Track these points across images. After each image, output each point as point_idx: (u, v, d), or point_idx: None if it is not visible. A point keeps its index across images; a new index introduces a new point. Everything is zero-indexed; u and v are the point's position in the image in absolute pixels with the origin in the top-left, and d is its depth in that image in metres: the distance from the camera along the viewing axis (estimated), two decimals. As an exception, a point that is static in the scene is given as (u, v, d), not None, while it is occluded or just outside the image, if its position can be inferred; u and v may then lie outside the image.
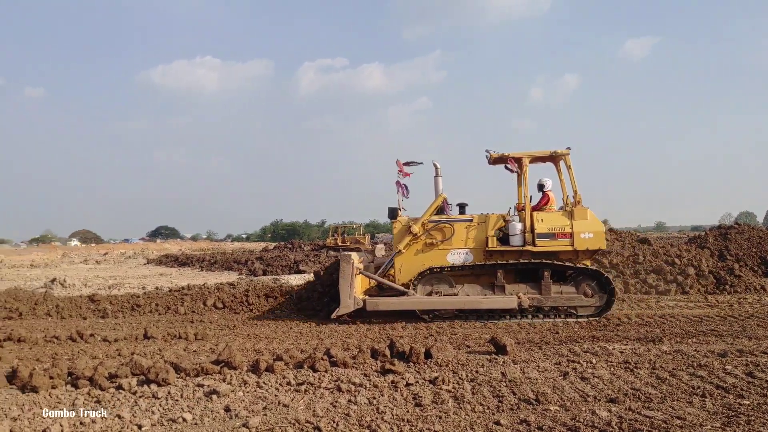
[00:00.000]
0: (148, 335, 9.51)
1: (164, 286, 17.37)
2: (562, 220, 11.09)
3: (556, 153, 11.40)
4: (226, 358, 6.98)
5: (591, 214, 11.09)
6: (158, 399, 6.00)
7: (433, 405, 5.52)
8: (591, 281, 10.97)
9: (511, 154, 11.50)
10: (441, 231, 11.54)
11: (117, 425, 5.36)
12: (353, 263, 10.87)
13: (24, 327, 10.79)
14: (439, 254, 11.48)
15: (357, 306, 10.92)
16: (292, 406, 5.62)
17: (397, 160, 11.74)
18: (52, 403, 6.02)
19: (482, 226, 11.45)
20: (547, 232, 11.03)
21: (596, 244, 10.97)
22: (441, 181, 11.99)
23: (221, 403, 5.82)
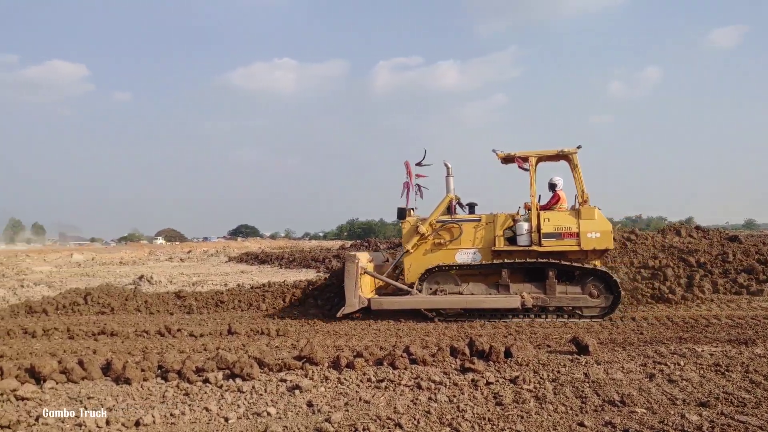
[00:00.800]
0: (231, 331, 9.80)
1: (245, 284, 17.82)
2: (568, 219, 11.00)
3: (564, 152, 11.28)
4: (307, 354, 7.12)
5: (599, 213, 10.95)
6: (243, 393, 6.18)
7: (514, 404, 5.47)
8: (597, 282, 10.84)
9: (518, 153, 11.43)
10: (449, 231, 11.63)
11: (205, 417, 5.55)
12: (358, 263, 11.13)
13: (116, 321, 11.29)
14: (448, 254, 11.57)
15: (362, 305, 11.12)
16: (373, 403, 5.68)
17: (405, 162, 11.91)
18: (143, 395, 6.29)
19: (490, 225, 11.48)
20: (553, 232, 10.96)
21: (603, 243, 10.83)
22: (452, 181, 11.95)
23: (304, 398, 5.94)
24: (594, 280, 10.84)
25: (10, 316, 12.58)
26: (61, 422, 5.49)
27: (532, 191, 11.29)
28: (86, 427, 5.34)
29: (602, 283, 10.81)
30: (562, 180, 11.79)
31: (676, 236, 16.07)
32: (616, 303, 10.74)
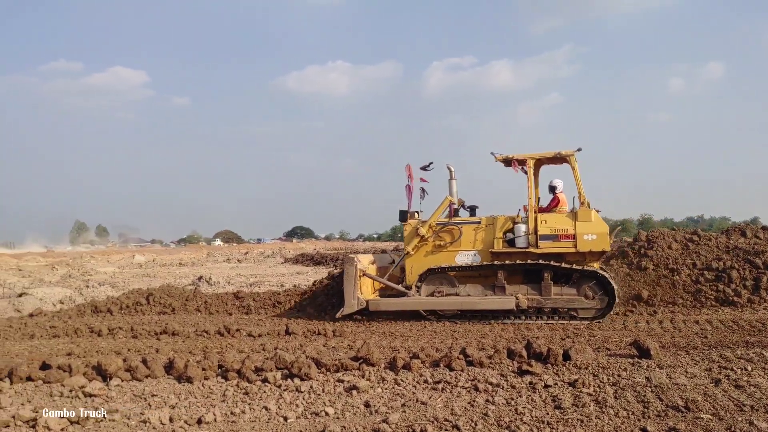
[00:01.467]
0: (289, 331, 9.93)
1: (301, 284, 18.02)
2: (565, 221, 11.03)
3: (561, 154, 11.30)
4: (364, 355, 7.16)
5: (596, 215, 10.97)
6: (301, 393, 6.25)
7: (573, 408, 5.39)
8: (593, 283, 10.82)
9: (516, 156, 11.46)
10: (449, 233, 11.76)
11: (264, 416, 5.64)
12: (356, 265, 11.38)
13: (177, 321, 11.56)
14: (448, 255, 11.69)
15: (360, 306, 11.33)
16: (430, 404, 5.67)
17: (407, 165, 12.14)
18: (205, 393, 6.43)
19: (490, 228, 11.57)
20: (549, 234, 11.01)
21: (600, 245, 10.83)
22: (455, 184, 12.09)
23: (361, 398, 5.98)
24: (589, 282, 10.86)
25: (77, 315, 13.02)
26: (126, 419, 5.66)
27: (529, 193, 11.43)
28: (150, 424, 5.49)
29: (598, 284, 10.81)
30: (563, 183, 11.86)
31: (741, 237, 15.49)
32: (611, 305, 10.75)
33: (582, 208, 11.02)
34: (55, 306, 15.06)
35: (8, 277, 24.52)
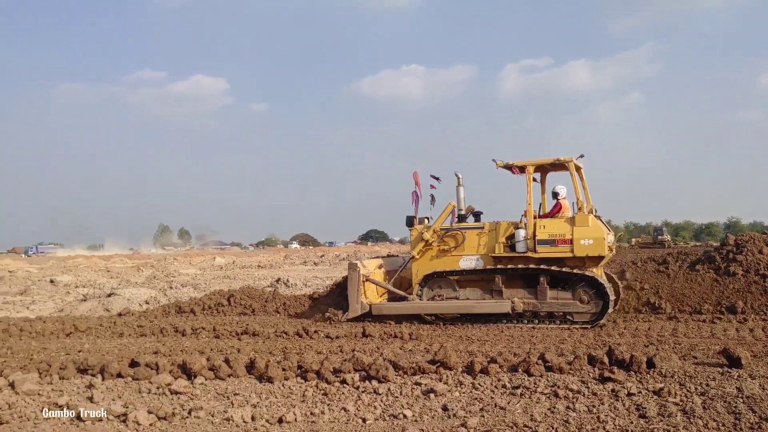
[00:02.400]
0: (366, 333, 10.01)
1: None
2: (563, 226, 11.14)
3: (560, 160, 11.46)
4: (441, 359, 7.14)
5: (593, 220, 11.08)
6: (379, 395, 6.29)
7: (659, 417, 5.21)
8: (588, 288, 10.93)
9: (516, 162, 11.64)
10: (453, 238, 12.03)
11: (343, 417, 5.71)
12: (359, 271, 11.78)
13: (257, 322, 11.82)
14: (452, 260, 11.96)
15: (363, 310, 11.73)
16: (509, 409, 5.61)
17: (414, 173, 12.60)
18: (285, 393, 6.56)
19: (493, 233, 11.78)
20: (547, 239, 11.14)
21: (596, 250, 10.89)
22: (462, 191, 12.49)
23: (439, 401, 5.96)
24: (584, 286, 10.96)
25: (162, 315, 13.51)
26: (211, 416, 5.83)
27: (528, 199, 11.54)
28: (233, 422, 5.64)
29: (593, 289, 10.89)
30: (566, 189, 11.85)
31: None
32: (605, 309, 10.78)
33: (579, 214, 11.14)
34: (141, 306, 15.66)
35: (98, 277, 25.69)
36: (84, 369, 7.47)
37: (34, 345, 9.86)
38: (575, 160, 11.50)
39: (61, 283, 22.75)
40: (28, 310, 16.44)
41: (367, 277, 12.09)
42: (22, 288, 22.06)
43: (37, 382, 6.93)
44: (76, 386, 6.94)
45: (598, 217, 11.53)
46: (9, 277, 27.68)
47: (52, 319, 12.94)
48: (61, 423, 5.79)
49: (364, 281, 11.93)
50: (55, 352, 9.21)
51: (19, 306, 17.29)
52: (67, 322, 11.74)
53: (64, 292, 20.63)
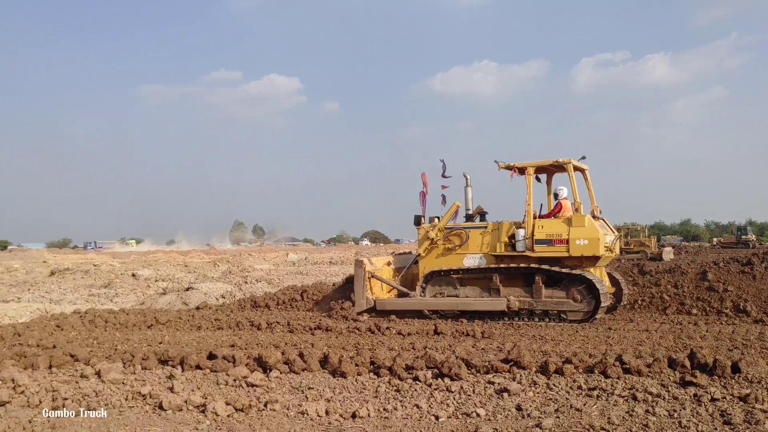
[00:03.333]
0: (437, 331, 9.99)
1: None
2: (560, 226, 11.38)
3: (558, 162, 11.75)
4: (514, 358, 7.06)
5: (589, 221, 11.25)
6: (452, 393, 6.27)
7: (745, 425, 5.00)
8: (581, 287, 11.12)
9: (517, 164, 11.96)
10: (458, 236, 12.41)
11: (416, 414, 5.72)
12: (365, 268, 12.34)
13: (330, 317, 11.95)
14: (457, 258, 12.35)
15: (369, 306, 12.28)
16: (585, 411, 5.49)
17: (422, 174, 13.19)
18: (358, 388, 6.61)
19: (495, 232, 12.07)
20: (545, 239, 11.41)
21: (591, 250, 11.07)
22: (470, 191, 12.95)
23: (512, 401, 5.90)
24: (578, 286, 11.17)
25: (238, 309, 13.83)
26: (286, 409, 5.94)
27: (528, 199, 11.78)
28: (308, 415, 5.73)
29: (586, 288, 11.07)
30: (566, 189, 12.04)
31: None
32: (597, 308, 10.92)
33: (576, 215, 11.41)
34: (218, 300, 16.09)
35: (176, 272, 26.51)
36: (165, 360, 7.73)
37: (118, 336, 10.28)
38: (575, 161, 11.84)
39: (142, 277, 23.61)
40: (111, 302, 17.15)
41: (373, 274, 12.65)
42: (106, 281, 23.01)
43: (122, 372, 7.22)
44: (157, 376, 7.18)
45: (601, 218, 11.98)
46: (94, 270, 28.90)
47: (135, 311, 13.44)
48: (144, 411, 6.02)
49: (369, 278, 12.51)
50: (137, 343, 9.58)
51: (103, 298, 18.06)
52: (149, 315, 12.18)
53: (144, 285, 21.41)
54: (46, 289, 20.59)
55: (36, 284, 22.68)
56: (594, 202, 12.23)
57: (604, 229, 11.68)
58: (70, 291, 20.33)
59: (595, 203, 12.21)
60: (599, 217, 12.00)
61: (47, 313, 13.95)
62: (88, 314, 12.40)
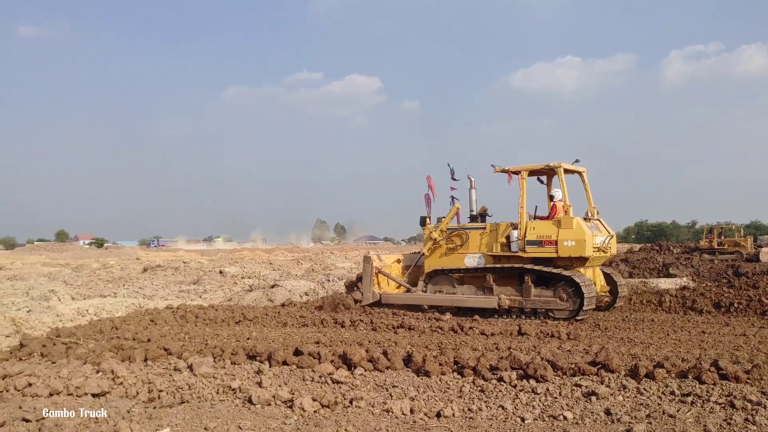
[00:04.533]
0: (522, 332, 9.85)
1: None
2: (550, 228, 11.78)
3: (549, 165, 12.18)
4: (602, 360, 6.88)
5: (578, 223, 11.58)
6: (537, 394, 6.18)
7: None
8: (567, 287, 11.47)
9: (511, 168, 12.48)
10: (459, 237, 12.99)
11: (501, 415, 5.66)
12: (372, 263, 13.32)
13: (412, 317, 11.96)
14: (459, 257, 12.96)
15: (375, 299, 13.25)
16: (678, 418, 5.30)
17: (427, 177, 13.93)
18: (442, 388, 6.61)
19: (493, 233, 12.57)
20: (535, 240, 11.84)
21: (578, 251, 11.43)
22: (474, 193, 13.45)
23: (601, 405, 5.76)
24: (564, 285, 11.53)
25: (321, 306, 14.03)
26: (371, 407, 6.00)
27: (521, 201, 12.19)
28: (393, 413, 5.77)
29: (572, 288, 11.41)
30: (560, 192, 12.38)
31: None
32: (581, 306, 11.19)
33: (565, 217, 11.77)
34: (302, 297, 16.37)
35: (262, 269, 27.16)
36: (253, 355, 7.94)
37: (208, 331, 10.63)
38: (567, 165, 12.23)
39: (228, 273, 24.30)
40: (200, 298, 17.74)
41: (380, 270, 13.56)
42: (195, 278, 23.83)
43: (212, 366, 7.46)
44: (246, 371, 7.39)
45: (597, 219, 12.54)
46: (183, 267, 29.98)
47: (223, 307, 13.85)
48: (234, 405, 6.20)
49: (376, 273, 13.47)
50: (226, 338, 9.87)
51: (192, 294, 18.70)
52: (236, 311, 12.53)
53: (231, 282, 22.05)
54: (139, 285, 21.50)
55: (130, 280, 23.74)
56: (591, 203, 12.76)
57: (596, 230, 12.07)
58: (162, 287, 21.15)
59: (593, 205, 12.75)
60: (596, 218, 12.58)
61: (141, 308, 14.57)
62: (180, 309, 12.88)
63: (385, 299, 13.30)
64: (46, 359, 8.27)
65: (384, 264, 13.79)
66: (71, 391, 6.63)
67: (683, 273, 21.66)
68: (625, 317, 11.85)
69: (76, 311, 14.02)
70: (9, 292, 17.94)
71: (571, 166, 12.40)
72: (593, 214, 12.56)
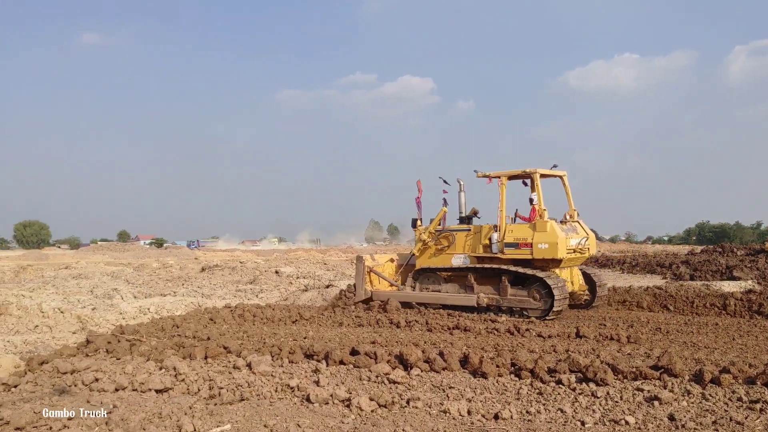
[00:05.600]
0: (579, 334, 9.68)
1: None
2: (526, 231, 12.32)
3: (526, 171, 12.68)
4: (665, 365, 6.71)
5: (551, 226, 12.03)
6: (597, 398, 6.07)
7: None
8: (541, 287, 11.96)
9: (491, 173, 13.00)
10: (446, 238, 13.62)
11: (560, 419, 5.59)
12: (364, 263, 14.26)
13: (467, 318, 11.88)
14: (446, 257, 13.56)
15: (367, 296, 14.12)
16: (747, 425, 5.13)
17: (417, 181, 14.63)
18: (499, 390, 6.55)
19: (477, 235, 13.14)
20: (513, 242, 12.40)
21: (551, 253, 11.92)
22: (463, 196, 13.93)
23: (664, 410, 5.62)
24: (538, 286, 12.04)
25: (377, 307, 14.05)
26: (428, 407, 5.99)
27: (501, 206, 12.72)
28: (450, 414, 5.76)
29: (545, 289, 11.86)
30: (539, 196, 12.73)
31: None
32: (552, 306, 11.66)
33: (539, 220, 12.22)
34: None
35: (316, 270, 27.43)
36: (310, 354, 8.03)
37: (265, 330, 10.78)
38: (543, 170, 12.70)
39: (284, 273, 24.63)
40: (257, 297, 18.02)
41: (371, 269, 14.38)
42: (252, 278, 24.21)
43: (270, 364, 7.58)
44: (303, 370, 7.48)
45: (577, 221, 12.92)
46: (240, 267, 30.51)
47: (280, 306, 14.04)
48: (293, 403, 6.28)
49: (368, 272, 14.30)
50: (283, 337, 10.00)
51: (249, 294, 19.01)
52: (293, 311, 12.70)
53: (287, 282, 22.33)
54: (198, 284, 21.97)
55: (189, 279, 24.27)
56: (572, 206, 13.20)
57: (572, 232, 12.44)
58: (219, 286, 21.57)
59: (573, 207, 13.19)
60: (575, 220, 12.99)
61: (200, 306, 14.89)
62: (238, 309, 13.11)
63: (376, 296, 14.08)
64: (111, 355, 8.53)
65: (377, 263, 14.68)
66: (136, 387, 6.83)
67: (748, 276, 20.93)
68: (688, 321, 11.54)
69: (138, 309, 14.43)
70: (75, 291, 18.58)
71: (549, 171, 12.98)
72: (573, 216, 13.06)
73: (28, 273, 29.39)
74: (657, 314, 12.26)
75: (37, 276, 27.37)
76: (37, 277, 26.78)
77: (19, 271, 30.36)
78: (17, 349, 9.78)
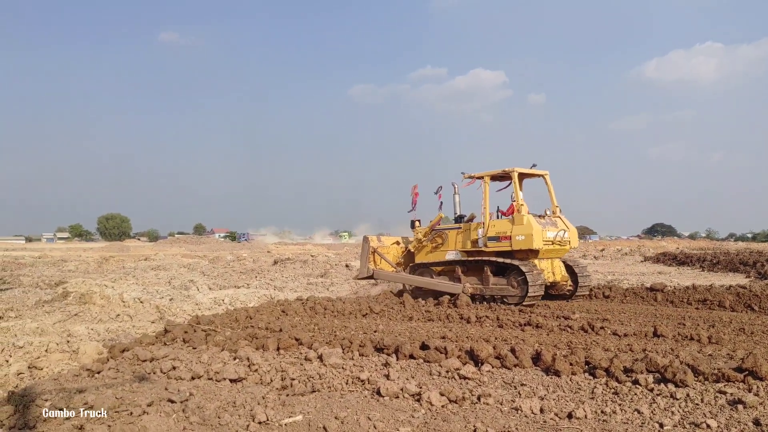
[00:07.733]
0: (657, 333, 9.36)
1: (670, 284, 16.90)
2: (505, 226, 13.56)
3: (506, 171, 13.75)
4: (750, 367, 6.40)
5: (528, 220, 13.17)
6: (677, 400, 5.85)
7: None
8: (517, 276, 13.04)
9: (475, 174, 14.34)
10: (440, 236, 15.15)
11: (637, 420, 5.41)
12: (369, 243, 15.82)
13: (539, 314, 11.69)
14: (441, 254, 15.09)
15: (368, 274, 15.74)
16: (840, 432, 4.85)
17: (414, 186, 16.07)
18: (573, 388, 6.41)
19: (466, 232, 14.50)
20: (495, 236, 13.67)
21: (527, 244, 13.09)
22: (458, 198, 15.52)
23: (749, 414, 5.37)
24: (515, 275, 13.14)
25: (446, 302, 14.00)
26: (499, 404, 5.91)
27: (484, 203, 14.03)
28: (522, 412, 5.66)
29: (521, 276, 12.91)
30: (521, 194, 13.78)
31: None
32: (527, 292, 12.72)
33: (517, 215, 13.38)
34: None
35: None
36: (380, 348, 8.05)
37: (336, 323, 10.88)
38: (521, 169, 13.70)
39: (354, 267, 24.83)
40: (327, 291, 18.23)
41: (375, 250, 15.82)
42: (322, 271, 24.52)
43: (341, 357, 7.64)
44: (373, 363, 7.50)
45: (558, 216, 13.92)
46: (311, 261, 30.94)
47: (350, 300, 14.16)
48: (363, 396, 6.31)
49: (372, 252, 15.76)
50: (354, 330, 10.07)
51: (320, 287, 19.27)
52: (363, 304, 12.77)
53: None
54: (270, 277, 22.41)
55: (261, 272, 24.79)
56: (554, 202, 14.22)
57: (550, 226, 13.43)
58: (291, 279, 21.93)
59: (555, 203, 14.21)
60: (557, 216, 13.94)
61: (272, 298, 15.17)
62: (309, 301, 13.28)
63: (376, 275, 15.66)
64: (187, 345, 8.77)
65: (382, 245, 16.15)
66: (211, 376, 7.00)
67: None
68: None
69: (213, 300, 14.82)
70: (153, 281, 19.24)
71: (529, 170, 13.97)
72: (554, 212, 14.05)
73: (110, 264, 30.64)
74: (740, 314, 11.74)
75: (119, 267, 28.52)
76: (118, 267, 27.91)
77: (102, 262, 31.70)
78: (100, 337, 10.18)
